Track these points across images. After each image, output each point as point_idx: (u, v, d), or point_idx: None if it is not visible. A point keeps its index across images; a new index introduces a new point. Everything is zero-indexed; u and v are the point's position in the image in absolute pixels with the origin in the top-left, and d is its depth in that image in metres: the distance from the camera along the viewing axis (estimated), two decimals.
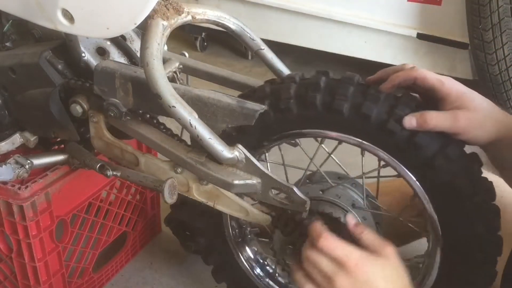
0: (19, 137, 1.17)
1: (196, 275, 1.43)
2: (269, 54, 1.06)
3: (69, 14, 0.87)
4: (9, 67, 1.07)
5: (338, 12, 2.34)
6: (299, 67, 2.57)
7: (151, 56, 0.86)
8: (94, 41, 1.06)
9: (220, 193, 1.00)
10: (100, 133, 1.06)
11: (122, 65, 0.99)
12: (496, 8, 1.90)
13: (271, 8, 2.47)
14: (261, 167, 0.94)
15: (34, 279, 1.17)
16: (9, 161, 1.08)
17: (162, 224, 1.55)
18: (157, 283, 1.41)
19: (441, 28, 2.19)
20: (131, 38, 1.12)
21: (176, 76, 1.07)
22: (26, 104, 1.10)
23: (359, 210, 1.01)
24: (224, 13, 1.03)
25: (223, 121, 0.91)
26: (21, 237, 1.11)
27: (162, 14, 0.90)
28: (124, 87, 0.96)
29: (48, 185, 1.11)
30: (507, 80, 2.02)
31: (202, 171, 0.95)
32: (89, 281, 1.34)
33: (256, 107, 0.88)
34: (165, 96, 0.85)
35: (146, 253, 1.51)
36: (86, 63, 1.04)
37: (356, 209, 1.01)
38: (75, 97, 1.04)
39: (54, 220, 1.14)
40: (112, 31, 0.89)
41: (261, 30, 2.37)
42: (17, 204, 1.07)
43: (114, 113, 0.98)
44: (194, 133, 0.87)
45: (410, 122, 0.83)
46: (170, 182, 0.96)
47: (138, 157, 1.05)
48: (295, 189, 0.93)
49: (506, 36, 1.94)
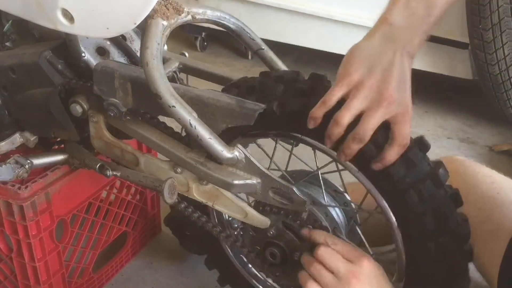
0: (19, 137, 1.17)
1: (196, 275, 1.43)
2: (269, 54, 1.06)
3: (69, 14, 0.87)
4: (9, 67, 1.07)
5: (338, 12, 2.34)
6: (299, 67, 2.56)
7: (151, 56, 0.86)
8: (94, 41, 1.05)
9: (219, 193, 1.00)
10: (100, 133, 1.06)
11: (121, 65, 0.99)
12: (496, 8, 1.90)
13: (271, 8, 2.47)
14: (261, 167, 0.94)
15: (34, 279, 1.17)
16: (9, 161, 1.08)
17: (162, 224, 1.55)
18: (157, 283, 1.41)
19: (441, 28, 2.19)
20: (131, 38, 1.12)
21: (176, 76, 1.07)
22: (26, 104, 1.10)
23: (319, 206, 1.00)
24: (224, 13, 1.03)
25: (223, 121, 0.91)
26: (21, 237, 1.11)
27: (162, 14, 0.90)
28: (123, 87, 0.96)
29: (48, 185, 1.11)
30: (507, 80, 2.02)
31: (202, 171, 0.95)
32: (89, 281, 1.34)
33: (255, 107, 0.88)
34: (165, 96, 0.85)
35: (146, 253, 1.51)
36: (86, 63, 1.04)
37: (316, 206, 1.00)
38: (75, 97, 1.04)
39: (54, 220, 1.14)
40: (112, 31, 0.89)
41: (261, 30, 2.36)
42: (17, 204, 1.07)
43: (114, 113, 0.98)
44: (194, 133, 0.87)
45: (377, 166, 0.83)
46: (170, 182, 0.96)
47: (138, 157, 1.05)
48: (295, 189, 0.93)
49: (506, 36, 1.94)
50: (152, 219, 1.52)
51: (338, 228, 1.02)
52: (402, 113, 0.78)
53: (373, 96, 0.77)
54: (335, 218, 1.02)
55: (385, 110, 0.77)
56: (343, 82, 0.79)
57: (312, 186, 1.03)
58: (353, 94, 0.78)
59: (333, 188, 1.05)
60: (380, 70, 0.77)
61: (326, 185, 1.03)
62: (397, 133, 0.79)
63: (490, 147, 2.09)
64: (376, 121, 0.77)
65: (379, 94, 0.76)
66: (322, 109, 0.81)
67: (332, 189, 1.05)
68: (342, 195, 1.05)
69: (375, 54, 0.78)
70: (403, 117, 0.78)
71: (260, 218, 1.01)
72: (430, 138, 2.13)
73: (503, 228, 1.03)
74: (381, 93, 0.76)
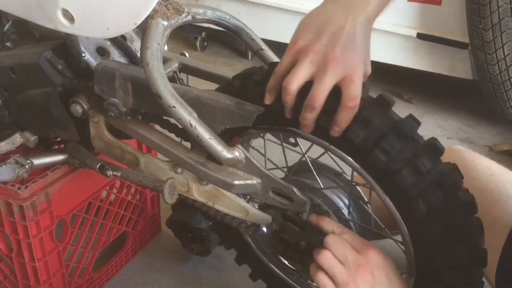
0: (19, 137, 1.17)
1: (196, 275, 1.43)
2: (269, 54, 1.06)
3: (69, 14, 0.87)
4: (9, 67, 1.07)
5: None
6: None
7: (151, 56, 0.86)
8: (94, 41, 1.05)
9: (220, 193, 1.00)
10: (100, 133, 1.06)
11: (122, 65, 0.99)
12: (496, 8, 1.90)
13: (271, 8, 2.47)
14: (261, 167, 0.94)
15: (34, 279, 1.17)
16: (9, 161, 1.08)
17: (162, 224, 1.55)
18: (157, 283, 1.41)
19: (441, 28, 2.19)
20: (131, 38, 1.12)
21: (176, 76, 1.07)
22: (26, 104, 1.10)
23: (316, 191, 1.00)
24: (224, 13, 1.03)
25: (222, 121, 0.91)
26: (21, 237, 1.11)
27: (162, 14, 0.90)
28: (124, 87, 0.96)
29: (48, 185, 1.11)
30: (507, 80, 2.02)
31: (202, 171, 0.95)
32: (89, 281, 1.34)
33: (254, 108, 0.88)
34: (165, 96, 0.85)
35: (146, 253, 1.51)
36: (86, 63, 1.04)
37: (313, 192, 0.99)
38: (75, 97, 1.04)
39: (54, 220, 1.14)
40: (112, 31, 0.89)
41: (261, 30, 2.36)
42: (17, 204, 1.07)
43: (114, 113, 0.98)
44: (194, 133, 0.87)
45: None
46: (170, 182, 0.96)
47: (138, 157, 1.05)
48: (295, 189, 0.93)
49: (506, 36, 1.94)
50: (152, 219, 1.52)
51: (339, 210, 1.01)
52: (350, 75, 0.75)
53: (318, 60, 0.75)
54: (334, 200, 1.01)
55: (331, 73, 0.74)
56: (290, 50, 0.78)
57: (309, 173, 1.03)
58: (299, 60, 0.76)
59: (332, 171, 1.05)
60: (328, 35, 0.75)
61: (324, 169, 1.03)
62: (344, 95, 0.76)
63: (490, 147, 2.09)
64: (324, 86, 0.75)
65: (324, 58, 0.75)
66: (273, 80, 0.80)
67: (331, 173, 1.05)
68: (342, 176, 1.04)
69: (326, 19, 0.76)
70: (351, 78, 0.75)
71: (262, 216, 1.01)
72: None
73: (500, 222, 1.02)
74: (326, 56, 0.75)
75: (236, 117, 0.89)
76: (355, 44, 0.75)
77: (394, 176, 0.79)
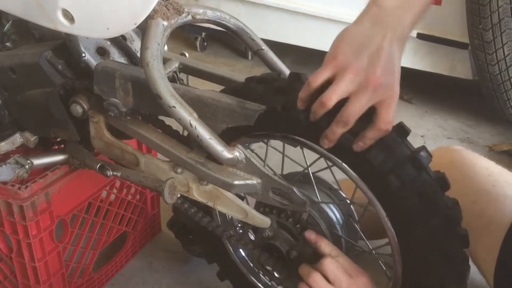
0: (19, 137, 1.17)
1: (196, 275, 1.43)
2: (269, 54, 1.06)
3: (70, 14, 0.87)
4: (9, 67, 1.07)
5: (338, 12, 2.34)
6: (299, 67, 2.57)
7: (151, 56, 0.86)
8: (94, 41, 1.06)
9: (220, 193, 1.00)
10: (100, 133, 1.06)
11: (122, 65, 0.99)
12: (496, 8, 1.90)
13: (271, 8, 2.47)
14: (261, 167, 0.94)
15: (34, 279, 1.17)
16: (9, 161, 1.08)
17: (162, 224, 1.55)
18: (157, 283, 1.41)
19: (441, 28, 2.19)
20: (131, 38, 1.12)
21: (176, 76, 1.07)
22: (26, 104, 1.10)
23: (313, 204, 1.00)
24: (224, 13, 1.03)
25: (223, 121, 0.91)
26: (21, 237, 1.11)
27: (162, 14, 0.90)
28: (124, 87, 0.96)
29: (48, 185, 1.11)
30: (507, 80, 2.02)
31: (202, 171, 0.95)
32: (89, 281, 1.34)
33: (256, 107, 0.88)
34: (165, 96, 0.85)
35: (146, 253, 1.51)
36: (86, 63, 1.04)
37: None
38: (75, 97, 1.04)
39: (54, 220, 1.14)
40: (112, 31, 0.89)
41: (261, 30, 2.37)
42: (17, 204, 1.07)
43: (114, 113, 0.98)
44: (194, 133, 0.87)
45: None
46: (170, 182, 0.96)
47: (138, 157, 1.05)
48: (295, 189, 0.93)
49: (506, 36, 1.94)
50: (152, 219, 1.52)
51: (333, 225, 1.02)
52: (388, 99, 0.76)
53: (359, 80, 0.75)
54: (329, 215, 1.02)
55: (371, 95, 0.75)
56: (329, 65, 0.78)
57: (305, 185, 1.03)
58: (339, 77, 0.77)
59: (328, 186, 1.05)
60: (368, 54, 0.75)
61: (320, 183, 1.03)
62: (379, 117, 0.77)
63: (490, 147, 2.09)
64: (361, 105, 0.76)
65: (366, 79, 0.75)
66: (306, 91, 0.80)
67: (326, 187, 1.05)
68: (337, 192, 1.05)
69: (364, 38, 0.76)
70: (389, 102, 0.77)
71: (261, 218, 1.01)
72: (430, 138, 2.14)
73: (496, 222, 1.03)
74: (367, 78, 0.75)
75: (238, 116, 0.89)
76: (393, 67, 0.76)
77: (402, 200, 0.83)
